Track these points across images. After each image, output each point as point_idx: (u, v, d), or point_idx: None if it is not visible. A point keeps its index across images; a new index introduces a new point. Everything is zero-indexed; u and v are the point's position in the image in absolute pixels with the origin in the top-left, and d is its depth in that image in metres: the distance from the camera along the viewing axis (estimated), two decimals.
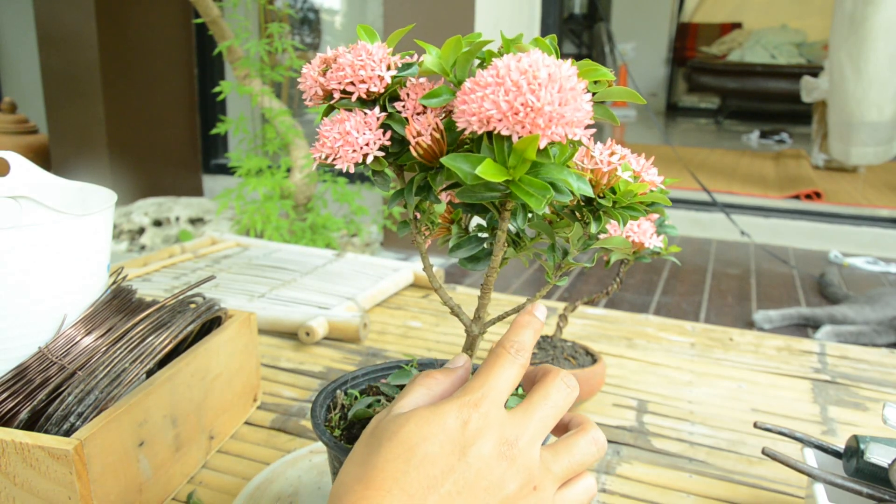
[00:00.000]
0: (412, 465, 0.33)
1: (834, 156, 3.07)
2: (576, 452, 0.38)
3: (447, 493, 0.33)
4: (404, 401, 0.38)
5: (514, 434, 0.35)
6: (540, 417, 0.37)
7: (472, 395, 0.36)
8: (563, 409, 0.38)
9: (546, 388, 0.38)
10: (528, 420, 0.36)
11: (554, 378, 0.39)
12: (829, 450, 0.55)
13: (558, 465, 0.37)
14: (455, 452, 0.34)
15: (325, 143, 0.37)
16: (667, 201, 0.41)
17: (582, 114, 0.32)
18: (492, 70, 0.32)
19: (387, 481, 0.32)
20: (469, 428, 0.34)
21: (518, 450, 0.35)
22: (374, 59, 0.37)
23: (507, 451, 0.35)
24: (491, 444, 0.34)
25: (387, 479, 0.33)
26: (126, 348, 0.54)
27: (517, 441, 0.35)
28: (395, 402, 0.38)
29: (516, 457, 0.35)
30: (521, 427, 0.36)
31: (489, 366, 0.37)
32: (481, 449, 0.34)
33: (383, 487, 0.32)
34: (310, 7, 3.62)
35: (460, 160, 0.33)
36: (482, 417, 0.35)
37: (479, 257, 0.43)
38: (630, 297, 2.12)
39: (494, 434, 0.35)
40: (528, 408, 0.37)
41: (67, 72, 2.69)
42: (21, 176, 0.62)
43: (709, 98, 6.89)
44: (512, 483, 0.34)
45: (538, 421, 0.36)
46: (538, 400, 0.37)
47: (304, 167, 1.99)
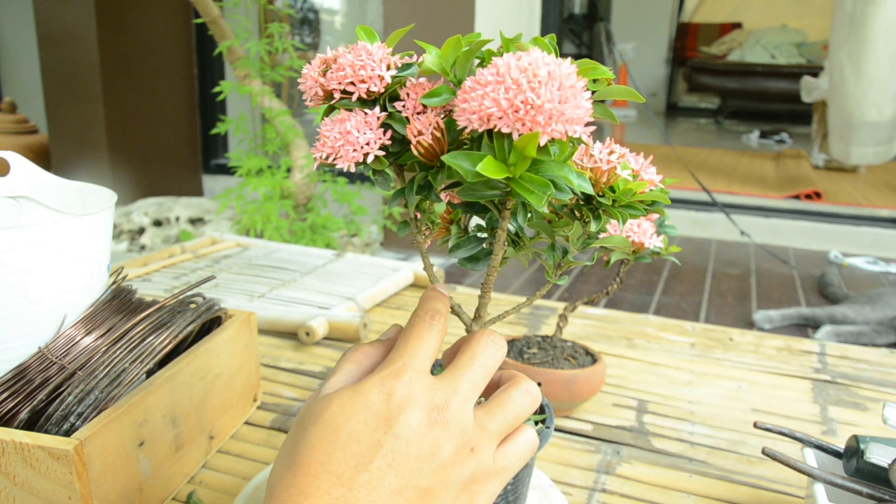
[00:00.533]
0: (337, 446, 0.32)
1: (834, 156, 3.07)
2: (509, 407, 0.37)
3: (378, 468, 0.32)
4: (332, 380, 0.37)
5: (444, 398, 0.34)
6: (468, 378, 0.36)
7: (393, 366, 0.35)
8: (492, 368, 0.37)
9: (473, 348, 0.37)
10: (457, 382, 0.35)
11: (480, 337, 0.38)
12: (829, 450, 0.55)
13: (493, 422, 0.36)
14: (381, 427, 0.33)
15: (326, 142, 0.37)
16: (666, 200, 0.41)
17: (582, 111, 0.32)
18: (492, 68, 0.32)
19: (313, 466, 0.32)
20: (393, 399, 0.33)
21: (450, 413, 0.34)
22: (374, 59, 0.37)
23: (437, 416, 0.34)
24: (419, 413, 0.33)
25: (313, 464, 0.32)
26: (126, 348, 0.54)
27: (447, 405, 0.34)
28: (325, 382, 0.37)
29: (448, 421, 0.34)
30: (450, 390, 0.35)
31: (407, 335, 0.37)
32: (408, 419, 0.33)
33: (310, 473, 0.32)
34: (310, 7, 3.62)
35: (461, 158, 0.33)
36: (405, 386, 0.34)
37: (478, 257, 0.43)
38: (630, 297, 2.12)
39: (421, 401, 0.34)
40: (455, 370, 0.36)
41: (67, 72, 2.69)
42: (21, 176, 0.62)
43: (709, 98, 6.89)
44: (446, 448, 0.33)
45: (467, 382, 0.35)
46: (465, 361, 0.36)
47: (304, 167, 1.99)
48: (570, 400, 0.72)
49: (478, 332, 0.39)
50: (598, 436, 0.72)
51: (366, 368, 0.38)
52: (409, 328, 0.37)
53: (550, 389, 0.71)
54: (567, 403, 0.73)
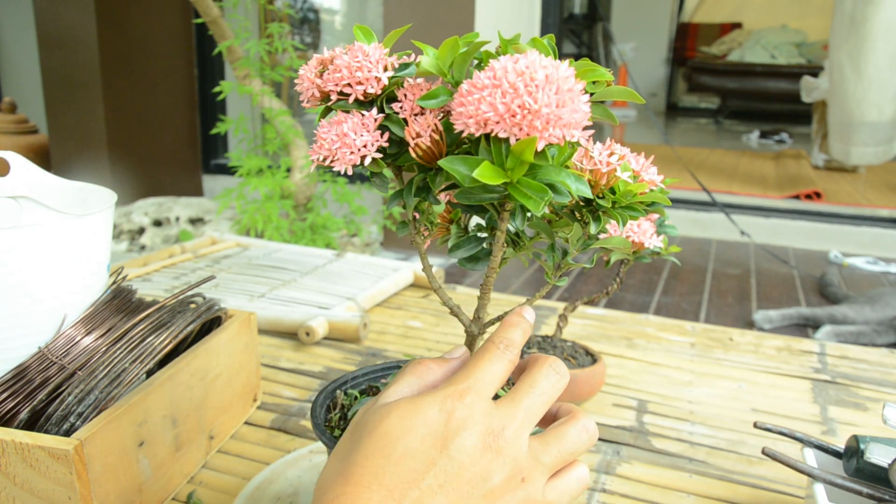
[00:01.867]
0: (392, 459, 0.32)
1: (834, 156, 3.07)
2: (566, 441, 0.37)
3: (429, 486, 0.32)
4: (392, 389, 0.37)
5: (500, 424, 0.34)
6: (527, 406, 0.36)
7: (456, 386, 0.35)
8: (551, 398, 0.37)
9: (533, 376, 0.37)
10: (515, 409, 0.35)
11: (542, 366, 0.38)
12: (829, 450, 0.55)
13: (548, 455, 0.36)
14: (437, 445, 0.33)
15: (323, 145, 0.37)
16: (667, 201, 0.41)
17: (580, 115, 0.32)
18: (489, 72, 0.32)
19: (366, 477, 0.32)
20: (452, 420, 0.33)
21: (504, 440, 0.34)
22: (371, 61, 0.37)
23: (492, 442, 0.34)
24: (475, 436, 0.33)
25: (366, 475, 0.32)
26: (126, 348, 0.54)
27: (503, 431, 0.34)
28: (384, 391, 0.37)
29: (503, 448, 0.34)
30: (508, 417, 0.35)
31: (476, 359, 0.37)
32: (465, 441, 0.33)
33: (362, 483, 0.32)
34: (310, 7, 3.62)
35: (458, 163, 0.33)
36: (466, 408, 0.34)
37: (478, 257, 0.43)
38: (630, 297, 2.12)
39: (479, 425, 0.34)
40: (515, 397, 0.36)
41: (67, 72, 2.69)
42: (21, 176, 0.62)
43: (709, 98, 6.89)
44: (498, 475, 0.33)
45: (525, 410, 0.35)
46: (525, 388, 0.36)
47: (304, 167, 1.99)
48: (570, 400, 0.72)
49: (541, 359, 0.38)
50: (599, 436, 0.72)
51: (427, 383, 0.38)
52: (481, 352, 0.37)
53: None
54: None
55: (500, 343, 0.37)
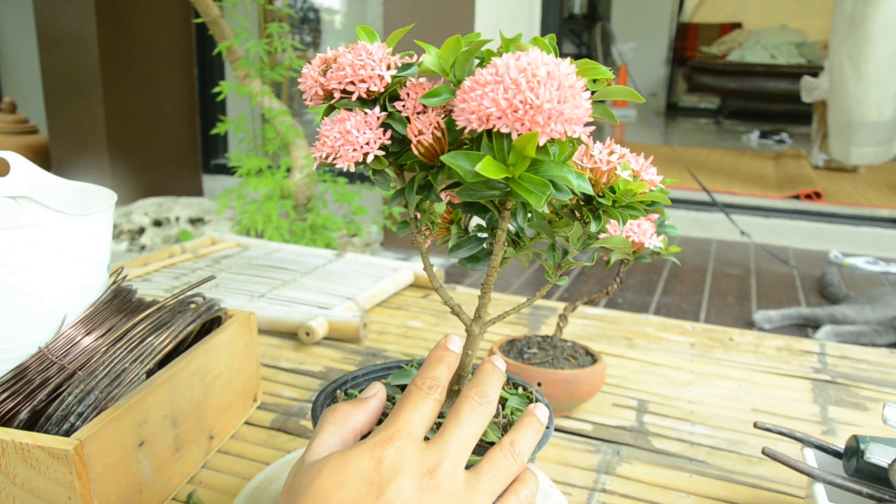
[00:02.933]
0: None
1: (834, 156, 3.07)
2: (496, 466, 0.37)
3: None
4: (315, 444, 0.37)
5: (434, 461, 0.35)
6: (457, 440, 0.36)
7: (384, 432, 0.35)
8: (481, 428, 0.37)
9: (458, 410, 0.37)
10: (447, 446, 0.35)
11: (466, 398, 0.38)
12: (829, 450, 0.55)
13: (482, 483, 0.36)
14: (372, 493, 0.33)
15: (326, 142, 0.37)
16: (667, 201, 0.41)
17: (581, 111, 0.32)
18: (491, 68, 0.32)
19: None
20: (384, 466, 0.33)
21: (441, 476, 0.34)
22: (374, 59, 0.37)
23: (428, 481, 0.34)
24: (410, 477, 0.34)
25: None
26: (126, 348, 0.54)
27: (438, 468, 0.34)
28: (309, 447, 0.37)
29: (440, 484, 0.34)
30: (440, 454, 0.35)
31: (402, 404, 0.37)
32: (401, 484, 0.33)
33: None
34: (310, 7, 3.62)
35: (460, 158, 0.33)
36: (397, 452, 0.34)
37: (478, 257, 0.43)
38: (630, 297, 2.12)
39: (412, 467, 0.34)
40: (444, 434, 0.36)
41: (67, 72, 2.69)
42: (21, 176, 0.62)
43: (709, 98, 6.89)
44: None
45: (456, 444, 0.36)
46: (452, 423, 0.37)
47: (304, 167, 1.99)
48: (570, 400, 0.72)
49: (465, 391, 0.39)
50: (598, 436, 0.72)
51: (348, 430, 0.38)
52: (406, 396, 0.37)
53: (550, 389, 0.71)
54: (567, 403, 0.73)
55: (423, 384, 0.38)
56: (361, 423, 0.39)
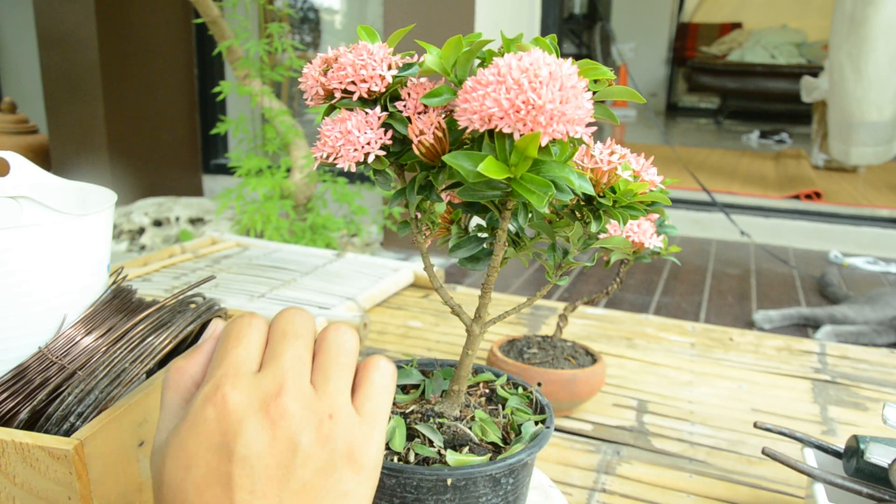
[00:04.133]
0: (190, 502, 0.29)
1: (834, 156, 3.07)
2: (334, 351, 0.33)
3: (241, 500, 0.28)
4: (160, 420, 0.33)
5: (274, 387, 0.30)
6: (290, 354, 0.32)
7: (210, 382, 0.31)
8: (308, 337, 0.33)
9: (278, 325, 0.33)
10: (281, 363, 0.31)
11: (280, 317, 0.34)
12: (829, 450, 0.55)
13: (330, 379, 0.32)
14: (223, 458, 0.29)
15: (327, 142, 0.37)
16: (667, 201, 0.41)
17: (583, 111, 0.32)
18: (493, 69, 0.32)
19: None
20: (221, 422, 0.29)
21: (287, 397, 0.30)
22: (376, 59, 0.37)
23: (275, 409, 0.30)
24: (255, 419, 0.29)
25: None
26: (126, 348, 0.54)
27: (280, 396, 0.30)
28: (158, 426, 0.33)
29: (287, 407, 0.30)
30: (277, 376, 0.31)
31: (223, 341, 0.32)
32: (247, 433, 0.29)
33: None
34: (310, 7, 3.62)
35: (462, 158, 0.33)
36: (228, 400, 0.30)
37: (478, 257, 0.43)
38: (630, 297, 2.12)
39: (251, 407, 0.30)
40: (274, 356, 0.32)
41: (67, 72, 2.69)
42: (21, 176, 0.62)
43: (709, 98, 6.89)
44: (303, 435, 0.30)
45: (290, 359, 0.32)
46: (277, 340, 0.33)
47: (304, 167, 1.99)
48: (570, 400, 0.72)
49: (278, 314, 0.35)
50: (598, 436, 0.72)
51: (188, 388, 0.33)
52: (226, 330, 0.33)
53: (550, 389, 0.71)
54: (567, 403, 0.73)
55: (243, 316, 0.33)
56: (200, 374, 0.33)
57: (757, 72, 5.91)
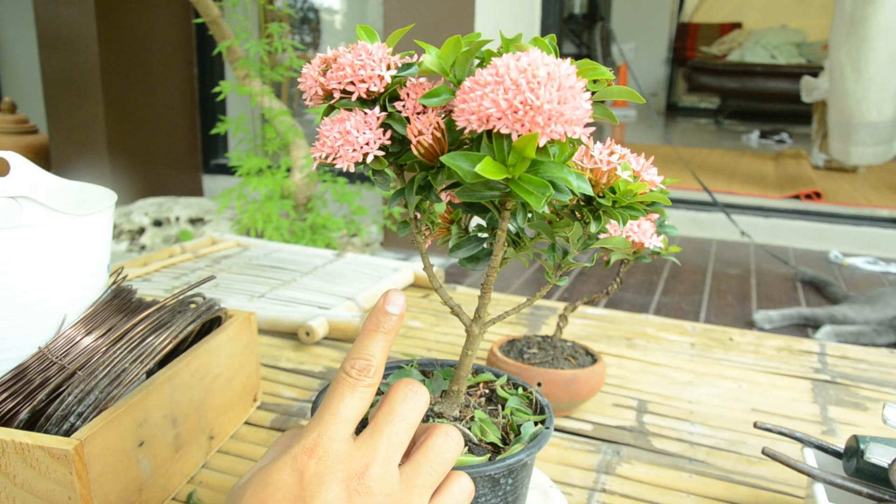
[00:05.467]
0: None
1: (834, 156, 3.07)
2: (433, 455, 0.35)
3: None
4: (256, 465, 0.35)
5: (363, 464, 0.32)
6: (387, 436, 0.34)
7: (305, 439, 0.33)
8: (413, 421, 0.35)
9: (390, 402, 0.35)
10: (376, 444, 0.33)
11: (397, 391, 0.36)
12: (829, 450, 0.55)
13: (420, 476, 0.34)
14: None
15: (326, 142, 0.37)
16: (667, 201, 0.41)
17: (581, 112, 0.32)
18: (491, 69, 0.32)
19: None
20: (306, 478, 0.31)
21: (370, 479, 0.32)
22: (374, 59, 0.37)
23: (357, 485, 0.32)
24: (336, 486, 0.31)
25: None
26: (126, 348, 0.54)
27: (367, 471, 0.32)
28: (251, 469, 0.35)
29: (370, 487, 0.32)
30: (369, 455, 0.33)
31: (327, 398, 0.34)
32: (326, 496, 0.31)
33: None
34: (310, 7, 3.62)
35: (460, 158, 0.33)
36: (319, 461, 0.32)
37: (478, 257, 0.43)
38: (630, 297, 2.12)
39: (338, 473, 0.32)
40: (374, 431, 0.34)
41: (67, 72, 2.69)
42: (21, 176, 0.62)
43: (709, 98, 6.89)
44: None
45: (386, 441, 0.33)
46: (383, 418, 0.34)
47: (304, 167, 1.99)
48: (570, 400, 0.72)
49: (397, 384, 0.36)
50: (598, 436, 0.72)
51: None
52: (330, 390, 0.35)
53: (550, 389, 0.71)
54: (567, 403, 0.73)
55: (351, 369, 0.35)
56: None
57: (757, 72, 5.91)
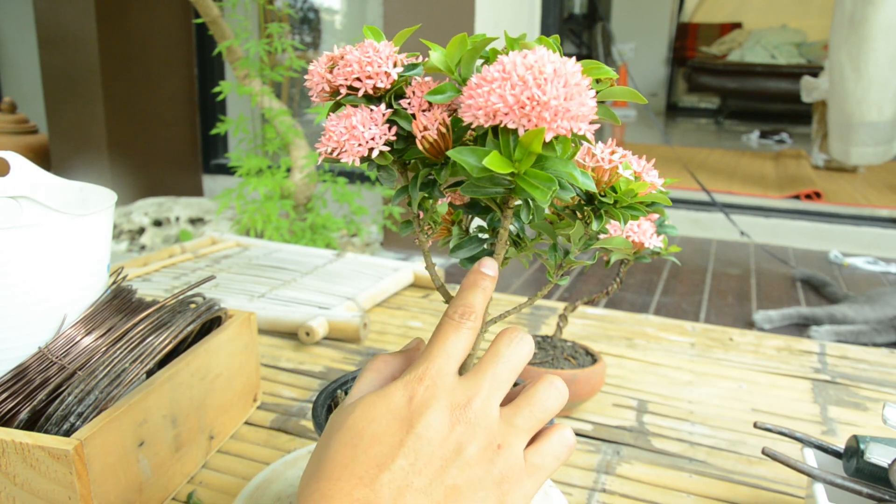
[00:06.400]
0: (360, 448, 0.32)
1: (834, 156, 3.07)
2: (536, 402, 0.36)
3: (400, 468, 0.32)
4: (355, 389, 0.37)
5: (466, 396, 0.34)
6: (492, 376, 0.35)
7: (416, 370, 0.35)
8: (517, 366, 0.36)
9: (497, 346, 0.37)
10: (480, 381, 0.35)
11: (505, 336, 0.37)
12: (829, 450, 0.55)
13: (520, 417, 0.35)
14: (403, 427, 0.33)
15: (332, 137, 0.37)
16: (667, 201, 0.41)
17: (587, 108, 0.32)
18: (498, 65, 0.32)
19: (336, 469, 0.32)
20: (415, 401, 0.34)
21: (472, 411, 0.34)
22: (381, 56, 0.37)
23: (460, 414, 0.34)
24: (441, 411, 0.33)
25: (336, 468, 0.32)
26: (126, 348, 0.54)
27: (470, 403, 0.34)
28: (350, 393, 0.37)
29: (472, 419, 0.34)
30: (473, 389, 0.35)
31: (434, 338, 0.36)
32: (430, 418, 0.33)
33: (333, 476, 0.32)
34: (310, 7, 3.62)
35: (467, 153, 0.33)
36: (427, 389, 0.34)
37: (479, 258, 0.43)
38: (630, 297, 2.12)
39: (443, 401, 0.34)
40: (479, 369, 0.36)
41: (67, 72, 2.69)
42: (21, 176, 0.62)
43: (709, 98, 6.89)
44: (472, 446, 0.33)
45: (490, 380, 0.35)
46: (489, 359, 0.36)
47: (305, 167, 1.99)
48: (570, 400, 0.72)
49: (504, 330, 0.38)
50: (598, 436, 0.72)
51: (387, 377, 0.38)
52: (437, 330, 0.37)
53: None
54: (567, 403, 0.73)
55: (454, 313, 0.37)
56: (401, 371, 0.38)
57: (757, 72, 5.91)
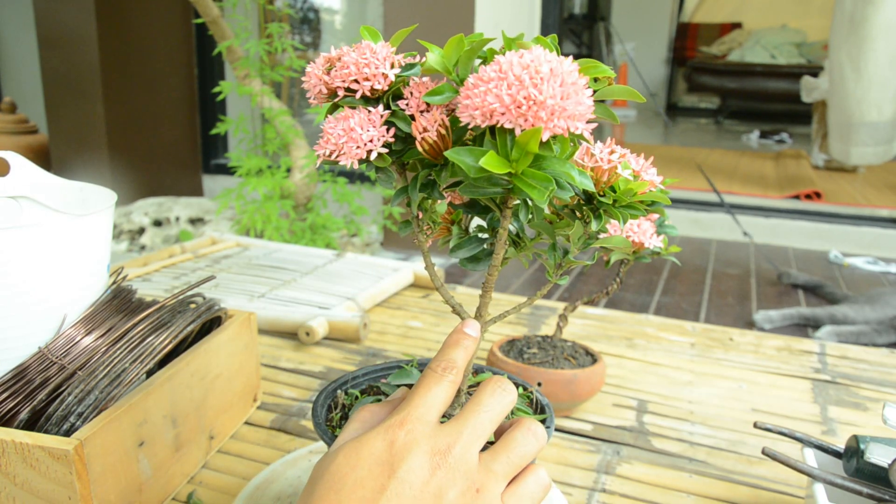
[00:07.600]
0: (343, 493, 0.33)
1: (834, 156, 3.07)
2: (514, 447, 0.37)
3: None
4: (340, 438, 0.38)
5: (446, 443, 0.35)
6: (473, 424, 0.36)
7: (396, 416, 0.36)
8: (499, 415, 0.37)
9: (480, 395, 0.38)
10: (461, 428, 0.36)
11: (486, 386, 0.38)
12: (829, 450, 0.55)
13: (498, 463, 0.36)
14: (385, 472, 0.34)
15: (330, 139, 0.37)
16: (667, 201, 0.41)
17: (583, 108, 0.32)
18: (495, 65, 0.32)
19: None
20: (396, 446, 0.34)
21: (453, 457, 0.35)
22: (379, 57, 0.37)
23: (440, 460, 0.34)
24: (422, 456, 0.34)
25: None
26: (126, 348, 0.54)
27: (450, 449, 0.35)
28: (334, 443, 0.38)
29: (451, 464, 0.35)
30: (454, 436, 0.36)
31: (415, 388, 0.37)
32: (412, 463, 0.34)
33: None
34: (310, 7, 3.62)
35: (464, 153, 0.33)
36: (408, 433, 0.35)
37: (479, 257, 0.43)
38: (630, 297, 2.12)
39: (424, 447, 0.35)
40: (461, 417, 0.37)
41: (67, 72, 2.69)
42: (21, 176, 0.62)
43: (709, 98, 6.89)
44: (451, 490, 0.34)
45: (471, 427, 0.36)
46: (471, 407, 0.37)
47: (304, 167, 1.98)
48: (570, 400, 0.72)
49: (489, 379, 0.39)
50: (598, 436, 0.72)
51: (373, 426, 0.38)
52: (420, 381, 0.38)
53: (550, 389, 0.71)
54: (567, 403, 0.73)
55: (437, 367, 0.38)
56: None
57: (757, 72, 5.91)
